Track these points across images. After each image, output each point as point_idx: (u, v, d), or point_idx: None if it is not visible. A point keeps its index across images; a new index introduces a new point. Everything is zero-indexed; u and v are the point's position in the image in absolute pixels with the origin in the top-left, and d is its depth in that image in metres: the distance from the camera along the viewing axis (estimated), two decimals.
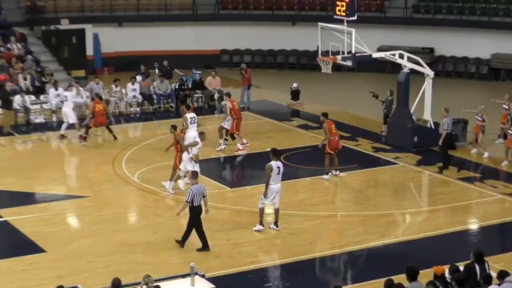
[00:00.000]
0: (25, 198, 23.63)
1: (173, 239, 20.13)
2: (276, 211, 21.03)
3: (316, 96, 36.28)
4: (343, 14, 27.51)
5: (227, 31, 43.56)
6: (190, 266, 15.41)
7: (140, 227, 21.42)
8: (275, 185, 20.65)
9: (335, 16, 28.08)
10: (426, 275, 15.07)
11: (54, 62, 38.53)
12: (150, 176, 25.46)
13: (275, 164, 20.58)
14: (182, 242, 19.68)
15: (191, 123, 25.00)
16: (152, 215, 22.16)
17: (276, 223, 21.04)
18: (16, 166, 26.61)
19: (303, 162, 27.02)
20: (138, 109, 34.20)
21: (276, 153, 20.92)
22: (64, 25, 40.88)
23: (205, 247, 19.60)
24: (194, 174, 19.95)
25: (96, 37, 41.82)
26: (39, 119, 32.18)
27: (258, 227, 20.93)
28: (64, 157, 27.89)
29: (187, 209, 19.52)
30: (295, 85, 35.88)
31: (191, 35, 43.17)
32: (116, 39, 42.05)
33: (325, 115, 25.50)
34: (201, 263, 18.58)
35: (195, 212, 19.46)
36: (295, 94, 35.78)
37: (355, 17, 27.60)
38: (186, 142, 24.00)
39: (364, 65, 37.12)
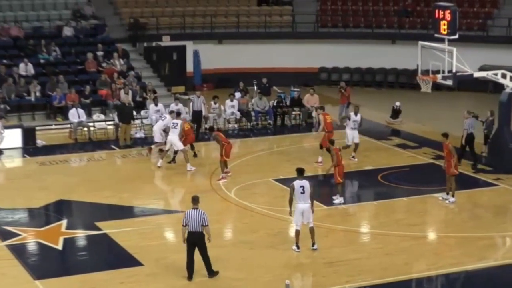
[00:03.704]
0: (124, 212, 24.00)
1: (269, 255, 20.16)
2: (311, 230, 20.62)
3: (415, 115, 35.89)
4: (445, 32, 27.18)
5: (326, 49, 43.51)
6: (285, 283, 15.38)
7: (235, 243, 21.49)
8: (300, 204, 20.33)
9: (436, 35, 27.76)
10: None
11: (155, 78, 39.15)
12: (246, 192, 25.58)
13: (298, 183, 20.34)
14: (211, 273, 19.02)
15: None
16: (247, 232, 22.22)
17: (313, 244, 20.67)
18: (116, 180, 27.05)
19: (400, 182, 26.73)
20: (236, 125, 34.43)
21: (300, 172, 20.67)
22: (166, 41, 41.53)
23: (188, 277, 18.99)
24: (193, 199, 19.12)
25: (196, 54, 42.34)
26: (139, 134, 32.67)
27: (295, 249, 20.62)
28: (162, 172, 28.20)
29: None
30: (397, 104, 35.57)
31: (290, 53, 43.26)
32: (215, 56, 42.47)
33: (446, 135, 25.06)
34: (296, 280, 18.57)
35: (188, 238, 18.75)
36: (396, 113, 35.47)
37: (457, 36, 27.23)
38: None
39: (464, 84, 36.56)
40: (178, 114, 29.21)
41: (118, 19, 42.31)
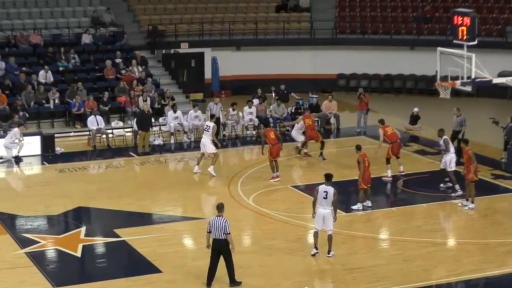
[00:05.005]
0: (142, 219, 24.03)
1: (287, 262, 20.13)
2: (328, 237, 20.54)
3: (434, 121, 35.71)
4: (463, 38, 27.06)
5: (344, 55, 43.46)
6: None
7: (254, 250, 21.46)
8: (321, 209, 20.34)
9: (454, 41, 27.60)
10: None
11: (173, 85, 39.23)
12: (264, 198, 25.56)
13: (322, 188, 20.38)
14: (233, 282, 18.83)
15: None
16: (266, 238, 22.19)
17: (329, 251, 20.61)
18: (134, 187, 27.09)
19: (419, 188, 26.64)
20: (254, 132, 34.40)
21: (327, 178, 20.68)
22: (184, 48, 41.59)
23: (208, 283, 18.88)
24: (217, 207, 19.03)
25: (214, 61, 42.38)
26: (158, 141, 32.73)
27: (313, 251, 20.64)
28: (181, 178, 28.24)
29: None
30: (416, 109, 35.51)
31: (308, 59, 43.27)
32: (233, 63, 42.52)
33: (466, 141, 24.93)
34: (315, 287, 18.51)
35: (213, 245, 18.70)
36: (415, 119, 35.39)
37: (476, 42, 27.10)
38: None
39: (484, 90, 36.35)
40: (212, 116, 29.22)
41: (137, 26, 42.40)
